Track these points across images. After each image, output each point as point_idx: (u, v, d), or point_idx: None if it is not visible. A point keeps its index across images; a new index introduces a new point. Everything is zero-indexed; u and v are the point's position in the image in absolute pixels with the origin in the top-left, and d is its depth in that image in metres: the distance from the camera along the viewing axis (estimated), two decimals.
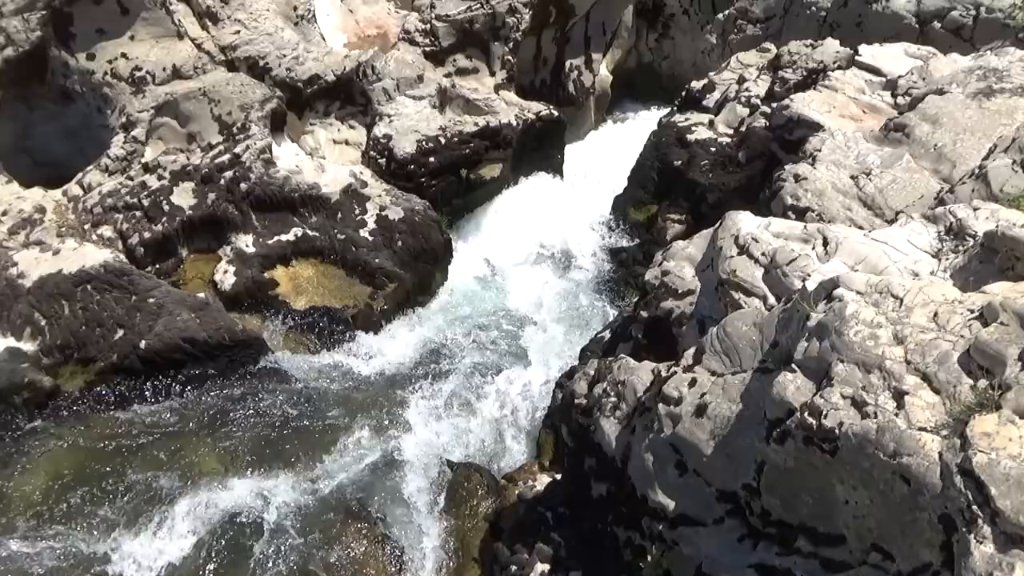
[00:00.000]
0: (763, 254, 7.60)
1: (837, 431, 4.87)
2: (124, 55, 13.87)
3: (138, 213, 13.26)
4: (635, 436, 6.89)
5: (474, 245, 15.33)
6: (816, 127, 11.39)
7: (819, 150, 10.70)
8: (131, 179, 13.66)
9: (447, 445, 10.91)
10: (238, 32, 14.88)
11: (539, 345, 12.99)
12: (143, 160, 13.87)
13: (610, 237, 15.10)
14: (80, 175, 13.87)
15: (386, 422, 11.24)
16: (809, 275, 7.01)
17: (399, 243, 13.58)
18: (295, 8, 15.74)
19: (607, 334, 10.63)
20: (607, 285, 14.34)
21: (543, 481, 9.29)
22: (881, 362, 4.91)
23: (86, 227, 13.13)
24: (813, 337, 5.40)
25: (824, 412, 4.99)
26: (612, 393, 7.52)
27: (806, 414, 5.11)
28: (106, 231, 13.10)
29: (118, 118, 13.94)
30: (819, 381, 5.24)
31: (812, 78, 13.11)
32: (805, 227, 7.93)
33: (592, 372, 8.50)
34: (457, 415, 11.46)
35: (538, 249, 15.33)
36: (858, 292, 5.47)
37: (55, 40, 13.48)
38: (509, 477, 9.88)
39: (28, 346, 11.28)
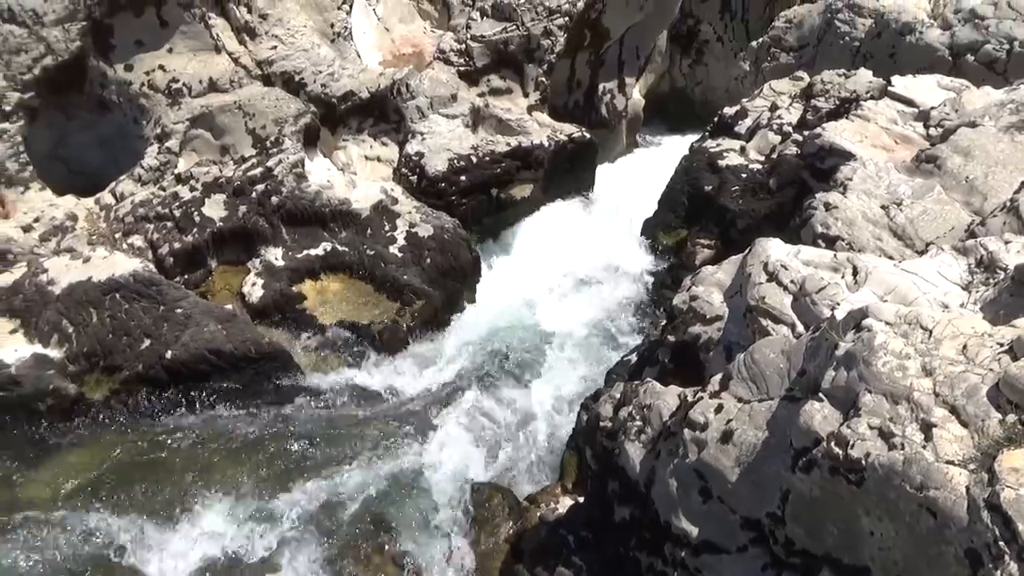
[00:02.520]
0: (792, 282, 7.53)
1: (864, 462, 4.79)
2: (162, 67, 14.16)
3: (169, 223, 13.47)
4: (660, 461, 6.82)
5: (502, 264, 15.38)
6: (848, 156, 11.31)
7: (850, 179, 10.62)
8: (163, 190, 13.91)
9: (470, 464, 10.86)
10: (275, 47, 15.18)
11: (565, 366, 12.94)
12: (176, 171, 14.13)
13: (639, 260, 15.05)
14: (113, 184, 14.15)
15: (410, 439, 11.23)
16: (838, 304, 6.93)
17: (428, 260, 13.65)
18: (332, 25, 16.03)
19: (634, 357, 10.56)
20: (635, 308, 14.28)
21: (566, 504, 9.21)
22: (909, 393, 4.83)
23: (117, 236, 13.35)
24: (841, 366, 5.32)
25: (851, 442, 4.91)
26: (637, 417, 7.46)
27: (832, 444, 5.03)
28: (137, 240, 13.31)
29: (153, 129, 14.22)
30: (846, 411, 5.16)
31: (844, 107, 13.05)
32: (835, 256, 7.85)
33: (618, 395, 8.44)
34: (481, 434, 11.42)
35: (566, 270, 15.32)
36: (887, 322, 5.39)
37: (94, 51, 13.79)
38: (532, 499, 9.81)
39: (55, 353, 11.36)
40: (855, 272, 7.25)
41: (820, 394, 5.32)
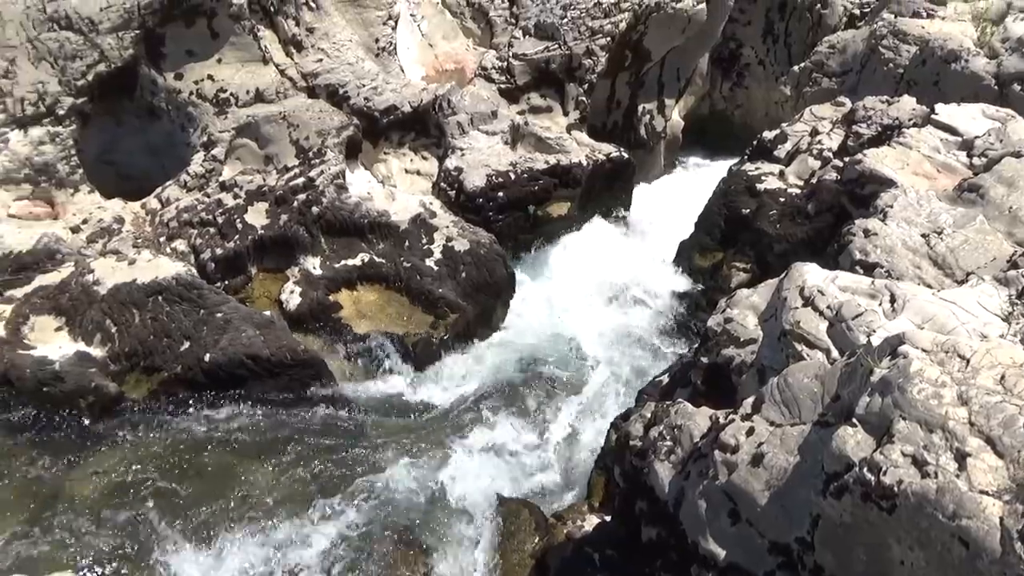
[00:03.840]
0: (828, 307, 7.48)
1: (896, 489, 4.76)
2: (210, 76, 14.58)
3: (212, 229, 13.82)
4: (689, 482, 6.80)
5: (537, 281, 15.45)
6: (888, 183, 11.20)
7: (890, 206, 10.51)
8: (208, 196, 14.28)
9: (499, 479, 10.89)
10: (320, 60, 15.55)
11: (596, 385, 12.94)
12: (220, 178, 14.48)
13: (674, 281, 15.01)
14: (159, 189, 14.56)
15: (439, 452, 11.31)
16: (875, 331, 6.87)
17: (463, 275, 13.78)
18: (377, 40, 16.36)
19: (665, 378, 10.54)
20: (668, 329, 14.24)
21: (592, 522, 9.19)
22: (944, 422, 4.79)
23: (161, 240, 13.72)
24: (875, 393, 5.29)
25: (883, 469, 4.88)
26: (668, 437, 7.45)
27: (865, 470, 5.00)
28: (180, 245, 13.67)
29: (200, 137, 14.62)
30: (879, 437, 5.13)
31: (886, 134, 12.91)
32: (873, 283, 7.78)
33: (648, 415, 8.43)
34: (510, 450, 11.45)
35: (601, 289, 15.34)
36: (924, 350, 5.35)
37: (146, 59, 14.25)
38: (558, 516, 9.80)
39: (97, 351, 11.68)
40: (893, 300, 7.19)
41: (854, 420, 5.29)
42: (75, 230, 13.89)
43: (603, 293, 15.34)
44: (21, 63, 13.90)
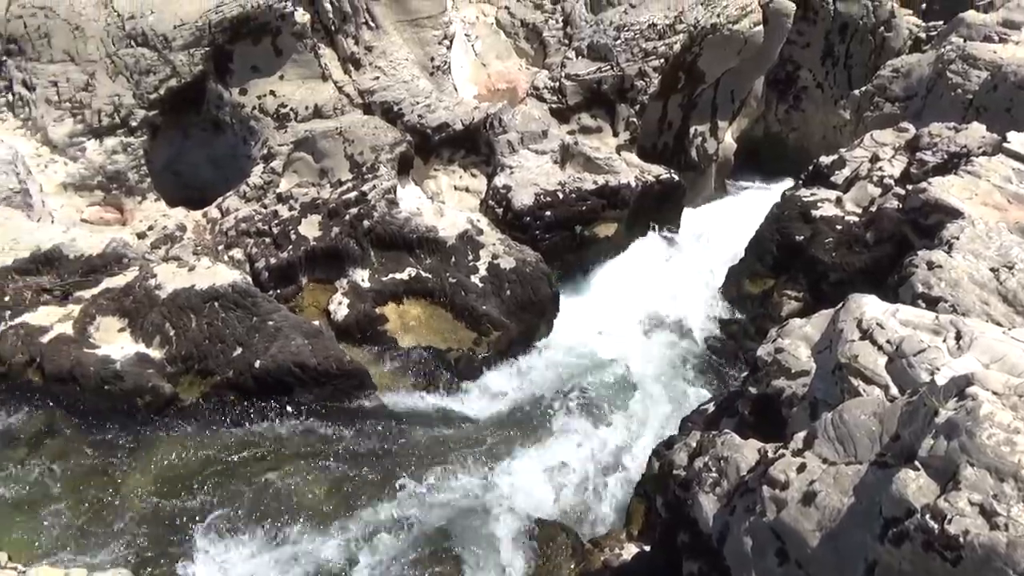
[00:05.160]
0: (888, 341, 7.19)
1: (962, 539, 4.50)
2: (272, 92, 14.99)
3: (267, 239, 14.13)
4: (735, 516, 6.58)
5: (582, 302, 15.32)
6: (955, 214, 10.81)
7: (957, 238, 10.12)
8: (265, 207, 14.62)
9: (536, 500, 10.78)
10: (377, 78, 15.82)
11: (637, 410, 12.74)
12: (278, 190, 14.85)
13: (721, 307, 14.72)
14: (220, 199, 14.99)
15: (478, 470, 11.27)
16: (938, 369, 6.57)
17: (508, 292, 13.76)
18: (432, 59, 16.57)
19: (711, 407, 10.30)
20: (714, 356, 13.95)
21: (630, 551, 8.99)
22: (1017, 471, 4.52)
23: (219, 248, 14.10)
24: (941, 435, 5.03)
25: (948, 517, 4.62)
26: (713, 468, 7.24)
27: (928, 517, 4.74)
28: (236, 253, 14.01)
29: (260, 150, 15.01)
30: (944, 483, 4.87)
31: (953, 162, 12.49)
32: (937, 318, 7.46)
33: (693, 444, 8.23)
34: (548, 471, 11.32)
35: (646, 312, 15.14)
36: (994, 392, 5.07)
37: (214, 74, 14.79)
38: (595, 542, 9.63)
39: (156, 353, 12.02)
40: (958, 336, 6.87)
41: (916, 462, 5.04)
42: (141, 236, 14.42)
43: (648, 316, 15.14)
44: (100, 77, 14.67)
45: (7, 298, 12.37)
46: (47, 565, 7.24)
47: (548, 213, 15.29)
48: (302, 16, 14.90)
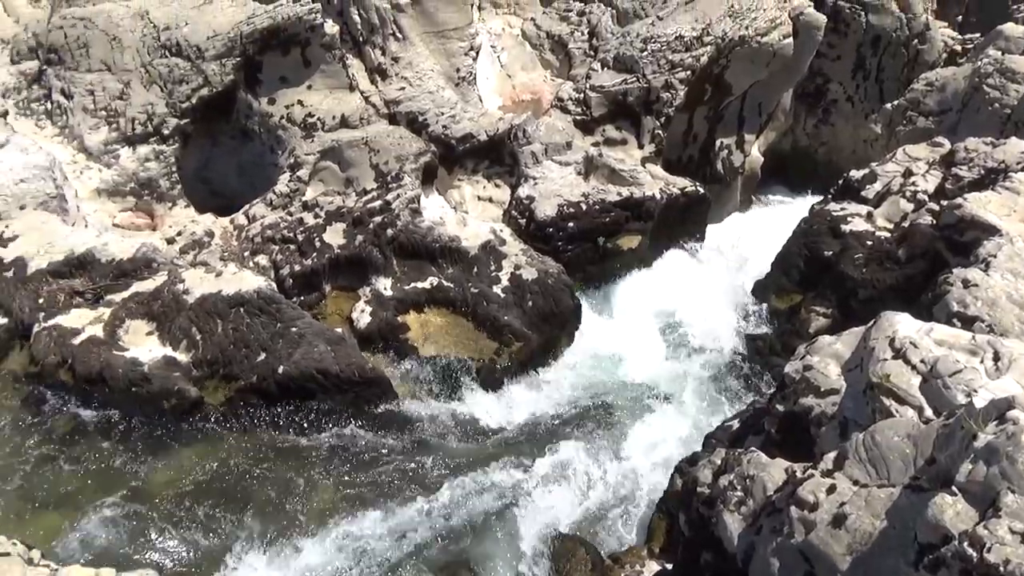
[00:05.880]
0: (922, 361, 7.02)
1: (1002, 568, 4.34)
2: (300, 102, 15.14)
3: (292, 247, 14.22)
4: (760, 537, 6.44)
5: (604, 314, 15.18)
6: (992, 231, 10.54)
7: (994, 256, 9.86)
8: (291, 215, 14.73)
9: (555, 514, 10.65)
10: (403, 88, 15.90)
11: (659, 423, 12.55)
12: (304, 199, 14.96)
13: (746, 322, 14.51)
14: (247, 206, 15.14)
15: (497, 478, 11.18)
16: (975, 391, 6.40)
17: (530, 303, 13.68)
18: (458, 70, 16.63)
19: (735, 423, 10.12)
20: (738, 372, 13.72)
21: (651, 568, 8.85)
22: None
23: (246, 254, 14.22)
24: (979, 460, 4.87)
25: (988, 545, 4.47)
26: (739, 487, 7.10)
27: (966, 544, 4.59)
28: (262, 260, 14.12)
29: (287, 159, 15.15)
30: (983, 509, 4.71)
31: (990, 178, 12.19)
32: (973, 338, 7.27)
33: (718, 461, 8.08)
34: (568, 484, 11.19)
35: (669, 325, 14.96)
36: None
37: (244, 84, 15.02)
38: (615, 558, 9.48)
39: (182, 357, 12.19)
40: (996, 357, 6.69)
41: (953, 487, 4.89)
42: (170, 241, 14.61)
43: (671, 329, 14.96)
44: (135, 86, 15.02)
45: (41, 300, 12.62)
46: (79, 565, 7.29)
47: (571, 224, 15.21)
48: (331, 27, 15.04)
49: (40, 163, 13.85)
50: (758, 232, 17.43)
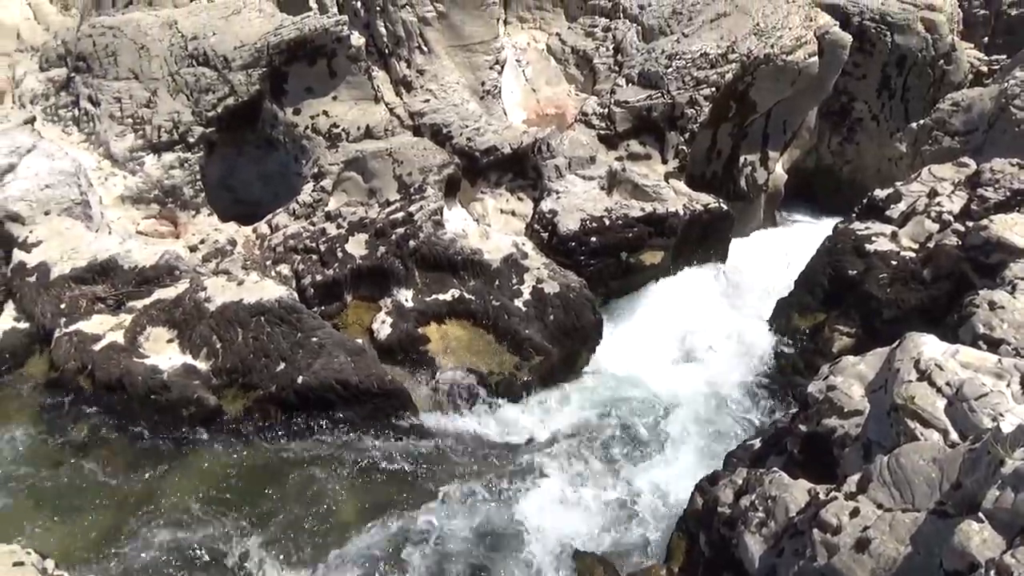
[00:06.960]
0: (948, 384, 6.93)
1: None
2: (325, 112, 15.29)
3: (314, 256, 14.30)
4: (782, 559, 6.36)
5: (625, 330, 15.10)
6: (1018, 253, 10.43)
7: (1021, 278, 9.75)
8: (313, 225, 14.83)
9: (573, 528, 10.59)
10: (428, 101, 16.02)
11: (680, 441, 12.46)
12: (326, 209, 15.07)
13: (768, 340, 14.38)
14: (270, 216, 15.28)
15: (515, 493, 11.15)
16: (1002, 415, 6.30)
17: (551, 317, 13.66)
18: (483, 83, 16.74)
19: (757, 443, 10.02)
20: (759, 390, 13.59)
21: None
22: None
23: (268, 263, 14.32)
24: (1007, 486, 4.79)
25: (1015, 574, 4.38)
26: (760, 508, 7.03)
27: (992, 572, 4.50)
28: (284, 269, 14.20)
29: (311, 168, 15.29)
30: (1011, 537, 4.63)
31: (1017, 199, 12.08)
32: (999, 361, 7.17)
33: (740, 481, 8.01)
34: (587, 500, 11.12)
35: (690, 342, 14.84)
36: None
37: (270, 94, 15.19)
38: None
39: (202, 365, 12.22)
40: (1023, 382, 6.58)
41: (979, 514, 4.80)
42: (193, 249, 14.76)
43: (693, 346, 14.84)
44: (161, 94, 15.25)
45: (63, 305, 12.74)
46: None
47: (594, 239, 15.19)
48: (357, 39, 15.21)
49: (66, 169, 14.05)
50: (782, 249, 17.30)
